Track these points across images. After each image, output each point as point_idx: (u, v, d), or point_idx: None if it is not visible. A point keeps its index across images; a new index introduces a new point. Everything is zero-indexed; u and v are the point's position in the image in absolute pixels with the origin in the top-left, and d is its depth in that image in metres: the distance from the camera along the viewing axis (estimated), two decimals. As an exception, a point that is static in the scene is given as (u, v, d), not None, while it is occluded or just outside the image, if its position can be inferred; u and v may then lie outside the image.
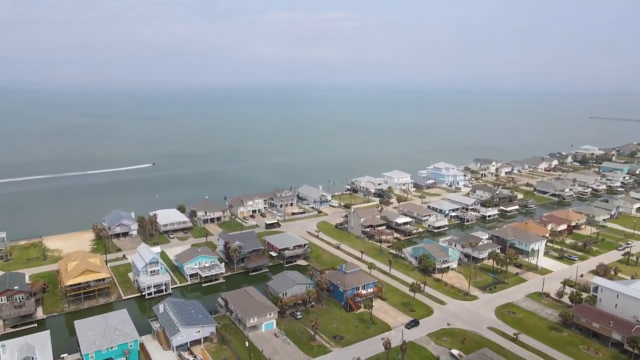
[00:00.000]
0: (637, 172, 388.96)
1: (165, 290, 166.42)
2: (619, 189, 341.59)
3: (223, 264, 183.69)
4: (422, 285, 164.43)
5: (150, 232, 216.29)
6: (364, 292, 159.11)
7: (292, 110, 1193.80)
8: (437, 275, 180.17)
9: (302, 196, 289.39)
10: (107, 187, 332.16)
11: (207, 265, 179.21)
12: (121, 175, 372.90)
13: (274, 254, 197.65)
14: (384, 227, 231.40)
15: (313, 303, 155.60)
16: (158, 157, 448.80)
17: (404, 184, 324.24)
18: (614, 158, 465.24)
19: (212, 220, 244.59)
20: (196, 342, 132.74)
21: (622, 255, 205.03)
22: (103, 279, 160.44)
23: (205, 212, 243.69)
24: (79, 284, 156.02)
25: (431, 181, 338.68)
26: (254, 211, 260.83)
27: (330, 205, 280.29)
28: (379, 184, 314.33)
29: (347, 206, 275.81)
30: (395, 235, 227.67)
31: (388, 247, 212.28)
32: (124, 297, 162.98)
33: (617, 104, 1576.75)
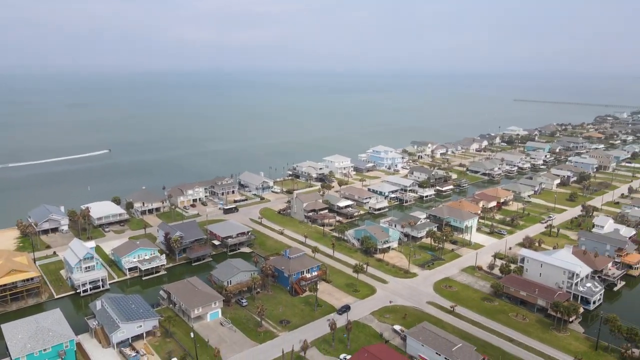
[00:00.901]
0: (557, 150, 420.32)
1: (103, 286, 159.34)
2: (541, 167, 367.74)
3: (164, 255, 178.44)
4: (364, 266, 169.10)
5: (83, 227, 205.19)
6: (308, 275, 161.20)
7: (228, 95, 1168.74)
8: (379, 256, 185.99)
9: (243, 183, 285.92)
10: (30, 181, 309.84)
11: (146, 257, 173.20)
12: (46, 168, 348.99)
13: (217, 242, 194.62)
14: (326, 210, 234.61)
15: (258, 289, 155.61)
16: (85, 147, 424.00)
17: (344, 168, 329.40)
18: (536, 138, 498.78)
19: (150, 211, 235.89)
20: (138, 337, 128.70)
21: (545, 227, 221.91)
22: (31, 279, 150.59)
23: (143, 203, 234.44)
24: (4, 285, 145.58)
25: (371, 164, 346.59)
26: (194, 200, 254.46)
27: (272, 192, 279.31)
28: (320, 168, 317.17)
29: (289, 192, 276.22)
30: (338, 218, 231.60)
31: (331, 230, 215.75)
32: (56, 296, 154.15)
33: (538, 87, 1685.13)
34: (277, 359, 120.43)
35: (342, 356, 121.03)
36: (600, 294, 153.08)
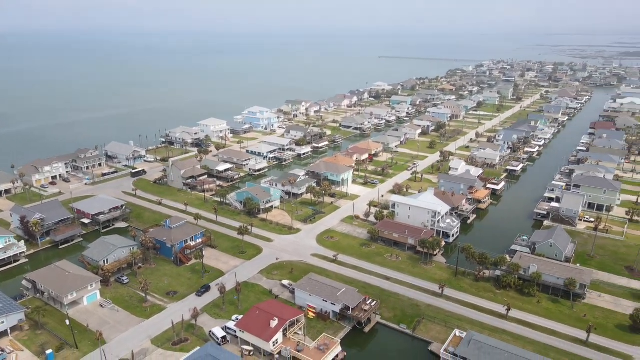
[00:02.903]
0: (417, 102, 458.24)
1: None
2: (405, 119, 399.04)
3: (22, 242, 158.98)
4: (249, 227, 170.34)
5: None
6: (192, 243, 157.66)
7: (86, 58, 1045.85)
8: (263, 216, 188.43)
9: (111, 154, 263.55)
10: None
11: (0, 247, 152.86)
12: None
13: (86, 221, 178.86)
14: (206, 176, 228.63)
15: (140, 264, 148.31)
16: None
17: (221, 131, 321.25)
18: (399, 92, 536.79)
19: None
20: (2, 335, 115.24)
21: (411, 174, 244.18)
22: None
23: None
24: None
25: (247, 126, 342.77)
26: (54, 177, 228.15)
27: (145, 161, 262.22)
28: (196, 133, 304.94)
29: (164, 160, 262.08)
30: (218, 183, 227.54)
31: (212, 195, 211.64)
32: None
33: (400, 44, 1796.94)
34: (167, 331, 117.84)
35: (234, 317, 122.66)
36: (458, 228, 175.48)
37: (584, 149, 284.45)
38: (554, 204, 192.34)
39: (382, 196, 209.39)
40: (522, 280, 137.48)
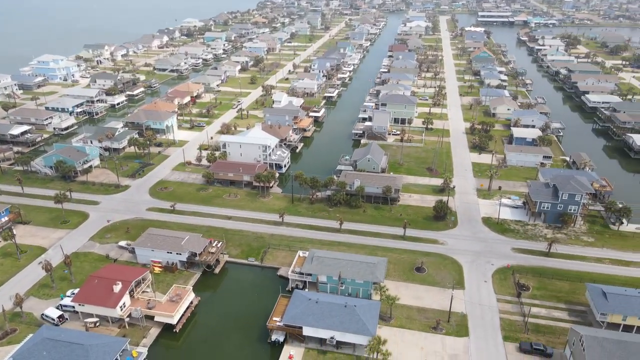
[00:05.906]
0: (233, 38, 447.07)
1: None
2: (222, 56, 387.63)
3: None
4: (67, 194, 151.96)
5: None
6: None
7: None
8: (82, 178, 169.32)
9: None
10: None
11: None
12: None
13: None
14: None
15: None
16: None
17: (5, 88, 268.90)
18: (212, 28, 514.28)
19: None
20: None
21: (237, 112, 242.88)
22: None
23: None
24: None
25: (40, 78, 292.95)
26: None
27: None
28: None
29: None
30: (16, 149, 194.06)
31: (11, 165, 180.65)
32: None
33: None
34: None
35: (69, 292, 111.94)
36: (288, 158, 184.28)
37: (386, 70, 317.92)
38: (367, 123, 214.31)
39: (212, 138, 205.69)
40: (349, 195, 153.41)
